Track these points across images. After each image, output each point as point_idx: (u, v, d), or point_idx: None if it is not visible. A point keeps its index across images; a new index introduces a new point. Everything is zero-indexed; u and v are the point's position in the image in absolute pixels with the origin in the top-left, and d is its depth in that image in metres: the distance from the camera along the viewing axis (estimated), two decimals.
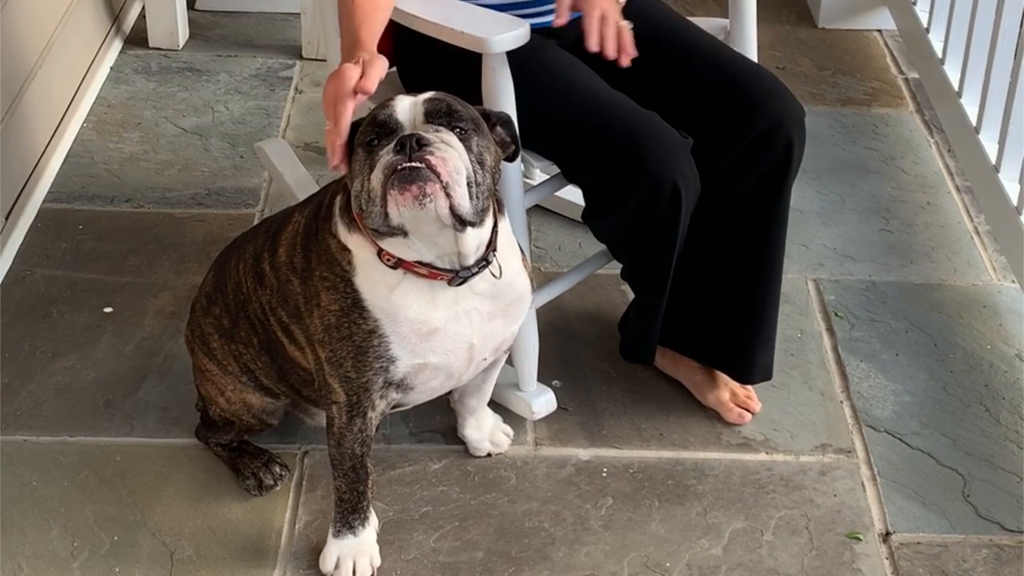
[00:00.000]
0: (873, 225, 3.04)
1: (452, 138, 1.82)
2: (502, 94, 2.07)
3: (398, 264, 1.89)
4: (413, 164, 1.77)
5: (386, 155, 1.79)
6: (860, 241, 2.98)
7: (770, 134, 2.22)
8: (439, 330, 1.94)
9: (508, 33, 2.04)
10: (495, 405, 2.40)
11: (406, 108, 1.84)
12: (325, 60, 3.54)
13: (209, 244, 2.87)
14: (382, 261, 1.89)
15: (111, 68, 3.52)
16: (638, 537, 2.23)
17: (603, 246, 2.41)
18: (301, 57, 3.61)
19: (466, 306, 1.95)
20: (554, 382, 2.53)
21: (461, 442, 2.38)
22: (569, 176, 2.28)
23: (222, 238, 2.88)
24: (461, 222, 1.82)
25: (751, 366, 2.42)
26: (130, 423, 2.42)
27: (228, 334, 2.15)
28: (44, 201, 2.99)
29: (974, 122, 3.04)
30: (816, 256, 2.92)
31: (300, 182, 2.84)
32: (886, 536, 2.24)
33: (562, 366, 2.58)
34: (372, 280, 1.91)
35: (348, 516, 2.09)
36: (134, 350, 2.59)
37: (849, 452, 2.41)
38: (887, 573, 2.17)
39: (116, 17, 3.60)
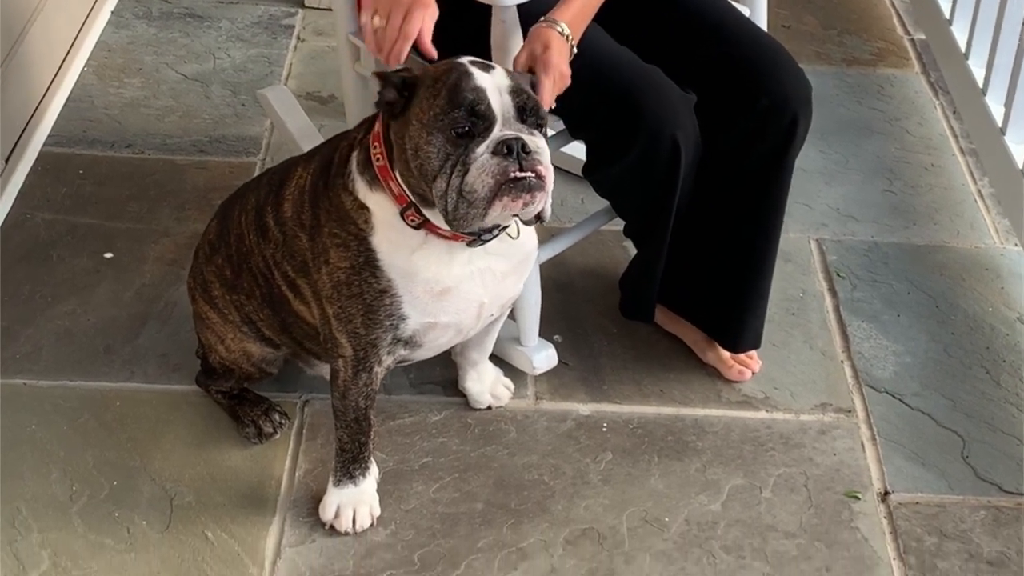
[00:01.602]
0: (877, 186, 3.03)
1: (543, 142, 1.80)
2: (511, 48, 2.05)
3: (422, 225, 1.88)
4: (527, 175, 1.75)
5: (487, 156, 1.75)
6: (863, 202, 2.97)
7: (775, 110, 2.20)
8: (451, 289, 1.93)
9: None
10: (496, 359, 2.40)
11: (496, 98, 1.77)
12: (329, 9, 3.55)
13: (210, 192, 2.86)
14: (406, 222, 1.88)
15: (112, 12, 3.49)
16: (637, 492, 2.23)
17: (606, 202, 2.40)
18: (303, 6, 3.58)
19: (480, 265, 1.94)
20: (555, 337, 2.53)
21: (461, 394, 2.38)
22: (572, 131, 2.26)
23: (223, 186, 2.87)
24: (537, 218, 1.82)
25: (740, 335, 2.41)
26: (130, 369, 2.41)
27: (230, 284, 2.14)
28: (44, 145, 2.97)
29: (981, 84, 3.03)
30: (819, 216, 2.91)
31: (302, 131, 2.82)
32: (884, 495, 2.25)
33: (563, 321, 2.57)
34: (391, 240, 1.89)
35: (349, 466, 2.09)
36: (134, 296, 2.58)
37: (849, 412, 2.41)
38: (885, 532, 2.18)
39: None
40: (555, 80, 1.94)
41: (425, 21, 1.90)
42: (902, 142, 3.19)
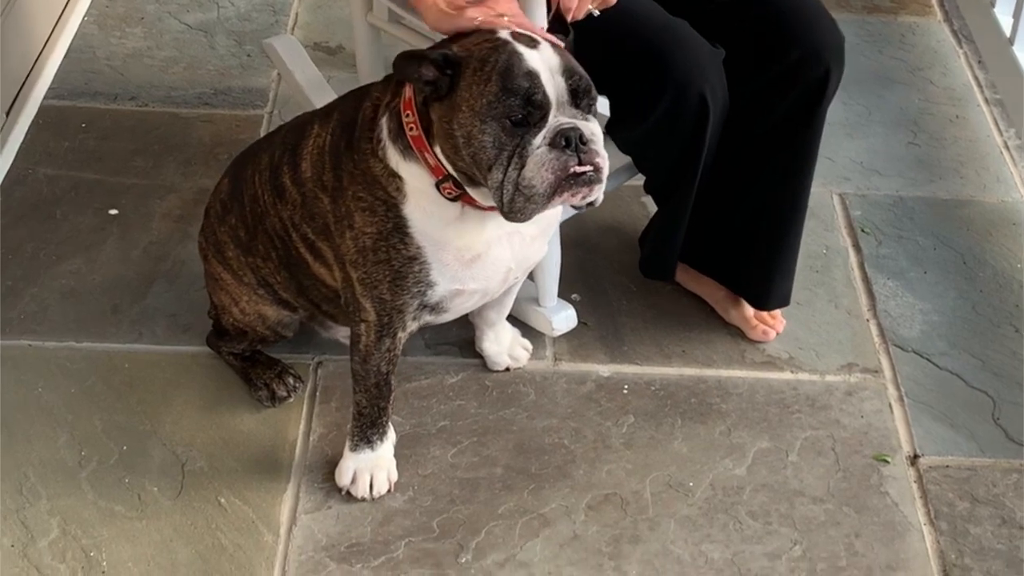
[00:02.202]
0: (900, 138, 2.95)
1: (597, 127, 1.72)
2: (537, 2, 1.97)
3: (458, 197, 1.81)
4: (586, 169, 1.68)
5: (544, 149, 1.67)
6: (887, 155, 2.90)
7: (807, 61, 2.12)
8: (481, 256, 1.87)
9: None
10: (513, 319, 2.33)
11: (550, 81, 1.69)
12: None
13: (216, 146, 2.78)
14: (441, 193, 1.80)
15: None
16: (660, 456, 2.17)
17: (627, 159, 2.33)
18: None
19: (509, 229, 1.86)
20: (573, 296, 2.46)
21: (478, 356, 2.32)
22: (595, 87, 2.18)
23: (229, 140, 2.79)
24: (588, 204, 1.76)
25: (769, 292, 2.35)
26: (138, 329, 2.35)
27: (245, 246, 2.07)
28: (45, 97, 2.89)
29: (1008, 33, 2.94)
30: (842, 169, 2.84)
31: (311, 82, 2.74)
32: (914, 459, 2.19)
33: (581, 279, 2.51)
34: (424, 209, 1.82)
35: (367, 430, 2.03)
36: (141, 254, 2.51)
37: (876, 372, 2.35)
38: (915, 496, 2.13)
39: None
40: None
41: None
42: (925, 93, 3.11)
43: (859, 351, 2.40)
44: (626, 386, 2.30)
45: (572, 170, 1.68)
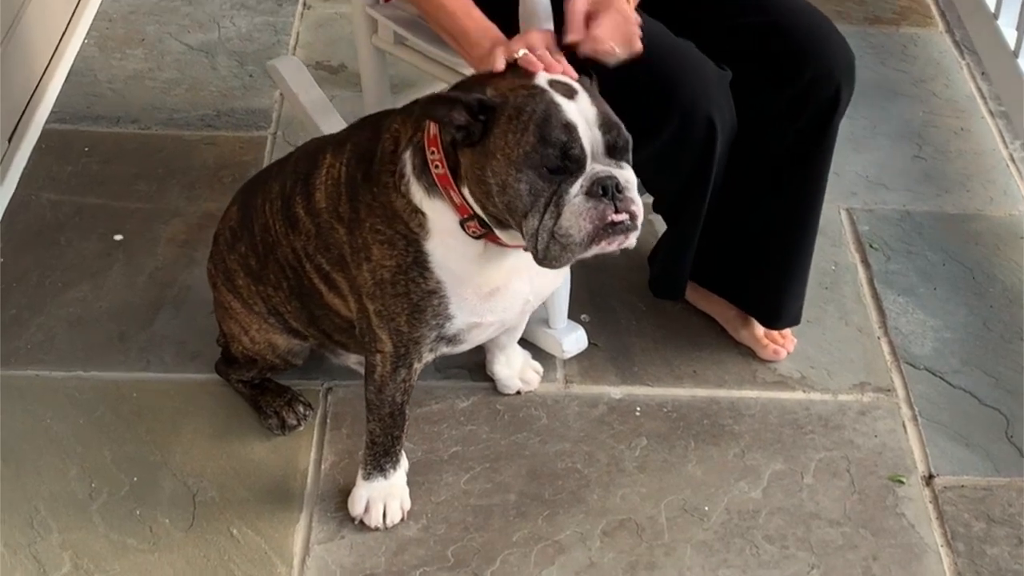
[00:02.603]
0: (906, 152, 2.94)
1: (632, 174, 1.71)
2: (542, 20, 1.95)
3: (482, 236, 1.79)
4: (623, 218, 1.67)
5: (581, 198, 1.65)
6: (893, 168, 2.89)
7: (819, 81, 2.11)
8: (500, 289, 1.86)
9: None
10: (523, 341, 2.32)
11: (587, 134, 1.67)
12: None
13: (220, 169, 2.77)
14: (466, 231, 1.79)
15: None
16: (674, 479, 2.16)
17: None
18: None
19: (527, 260, 1.85)
20: (583, 316, 2.45)
21: (488, 379, 2.30)
22: None
23: (233, 162, 2.78)
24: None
25: (779, 311, 2.34)
26: (146, 357, 2.33)
27: (256, 275, 2.05)
28: (47, 122, 2.87)
29: (1012, 45, 2.94)
30: (848, 184, 2.82)
31: (316, 104, 2.72)
32: (929, 479, 2.18)
33: (590, 299, 2.50)
34: (447, 245, 1.80)
35: (380, 459, 2.02)
36: (147, 280, 2.49)
37: (888, 391, 2.34)
38: (931, 518, 2.12)
39: None
40: (618, 23, 1.82)
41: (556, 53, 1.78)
42: (929, 105, 3.10)
43: (871, 369, 2.38)
44: (638, 408, 2.29)
45: (609, 219, 1.67)
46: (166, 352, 2.34)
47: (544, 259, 1.70)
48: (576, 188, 1.66)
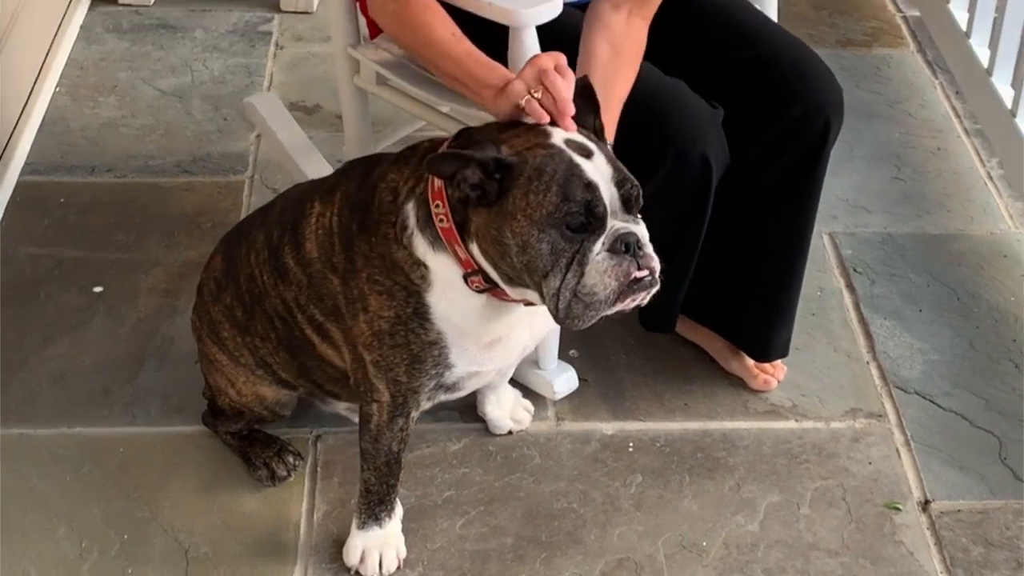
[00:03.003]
0: (884, 173, 2.95)
1: (646, 231, 1.70)
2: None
3: (486, 290, 1.78)
4: (644, 274, 1.67)
5: (604, 255, 1.64)
6: (872, 191, 2.89)
7: (808, 116, 2.12)
8: (502, 339, 1.84)
9: (539, 7, 1.92)
10: (513, 380, 2.30)
11: (607, 192, 1.65)
12: (307, 12, 3.43)
13: (199, 215, 2.74)
14: (469, 286, 1.77)
15: (81, 27, 3.35)
16: (671, 516, 2.15)
17: None
18: (280, 10, 3.46)
19: (530, 310, 1.84)
20: (571, 351, 2.44)
21: (479, 419, 2.29)
22: None
23: (212, 208, 2.76)
24: None
25: (769, 344, 2.33)
26: (131, 412, 2.30)
27: (242, 326, 2.03)
28: (21, 174, 2.84)
29: (985, 64, 2.95)
30: (829, 208, 2.82)
31: (295, 143, 2.70)
32: (925, 504, 2.17)
33: (578, 334, 2.46)
34: (449, 299, 1.78)
35: (375, 508, 2.00)
36: (130, 332, 2.46)
37: (880, 416, 2.34)
38: (930, 544, 2.11)
39: None
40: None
41: (567, 72, 1.76)
42: (905, 126, 3.11)
43: (862, 395, 2.38)
44: (631, 444, 2.27)
45: (633, 275, 1.65)
46: (151, 405, 2.31)
47: (566, 318, 1.68)
48: (599, 246, 1.65)
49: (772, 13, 2.39)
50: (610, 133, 1.91)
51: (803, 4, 3.59)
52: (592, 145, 1.70)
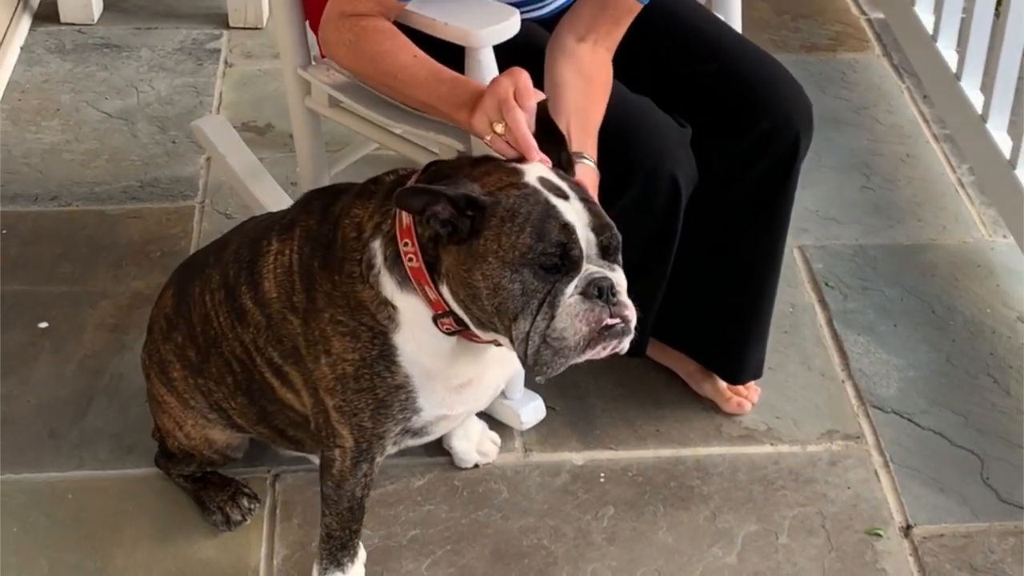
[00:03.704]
0: (854, 183, 2.88)
1: (623, 277, 1.63)
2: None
3: (457, 332, 1.69)
4: (616, 322, 1.59)
5: (576, 299, 1.56)
6: (842, 201, 2.82)
7: (777, 131, 2.05)
8: (472, 381, 1.76)
9: (496, 26, 1.84)
10: (479, 412, 2.21)
11: (583, 235, 1.58)
12: (256, 28, 3.33)
13: (147, 244, 2.64)
14: (439, 328, 1.68)
15: (21, 48, 3.24)
16: (646, 549, 2.07)
17: None
18: (228, 26, 3.35)
19: (503, 350, 1.75)
20: (538, 378, 2.34)
21: (445, 452, 2.20)
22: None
23: (161, 236, 2.66)
24: None
25: (741, 366, 2.26)
26: (79, 454, 2.20)
27: (195, 368, 1.93)
28: None
29: (954, 68, 2.89)
30: (798, 220, 2.73)
31: (247, 167, 2.60)
32: (907, 529, 2.11)
33: None
34: (417, 340, 1.69)
35: (337, 554, 1.90)
36: (76, 369, 2.36)
37: (857, 438, 2.27)
38: (913, 571, 2.04)
39: None
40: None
41: (529, 94, 1.67)
42: (873, 132, 3.05)
43: (838, 416, 2.31)
44: (602, 474, 2.19)
45: (605, 322, 1.57)
46: (100, 447, 2.21)
47: (534, 364, 1.60)
48: (571, 288, 1.57)
49: (736, 24, 2.31)
50: (593, 155, 1.84)
51: (765, 9, 3.53)
52: (566, 187, 1.62)
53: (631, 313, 1.60)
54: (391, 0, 1.88)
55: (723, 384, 2.30)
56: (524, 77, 1.69)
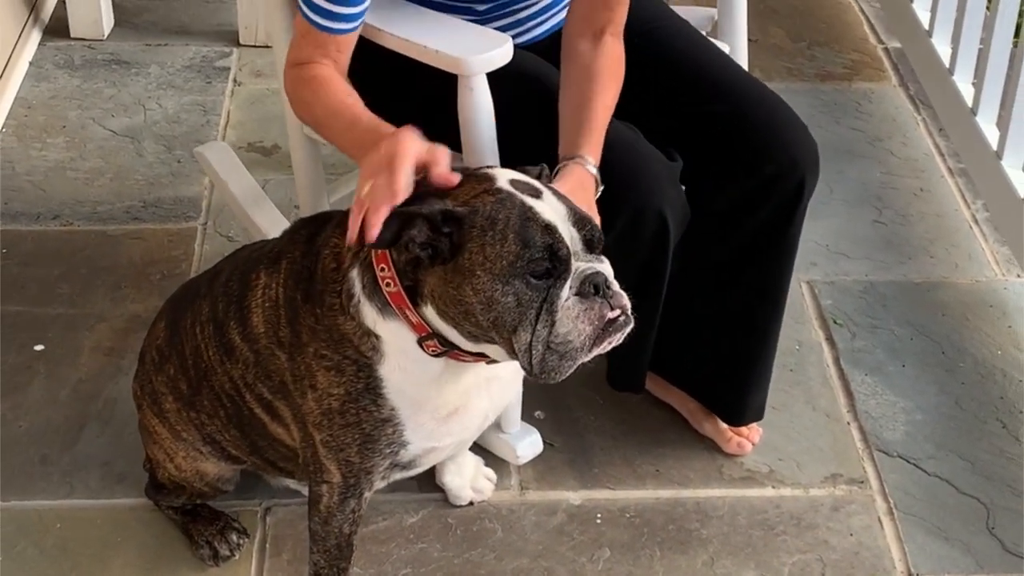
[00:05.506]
0: (865, 217, 2.83)
1: (610, 268, 1.59)
2: (480, 117, 1.83)
3: (444, 353, 1.65)
4: (617, 314, 1.56)
5: (574, 300, 1.53)
6: (853, 236, 2.78)
7: (783, 175, 2.01)
8: (459, 410, 1.73)
9: (488, 53, 1.80)
10: (474, 445, 2.18)
11: (566, 232, 1.55)
12: (267, 47, 3.30)
13: (148, 265, 2.61)
14: (424, 350, 1.64)
15: (30, 63, 3.22)
16: None
17: None
18: (239, 44, 3.33)
19: (487, 375, 1.71)
20: (537, 413, 2.31)
21: (438, 489, 2.16)
22: None
23: (162, 258, 2.63)
24: None
25: (742, 407, 2.22)
26: (69, 482, 2.17)
27: (187, 401, 1.89)
28: None
29: (970, 103, 2.84)
30: (808, 254, 2.70)
31: (247, 193, 2.56)
32: None
33: (545, 394, 2.35)
34: (403, 368, 1.66)
35: None
36: (70, 394, 2.33)
37: (862, 483, 2.22)
38: None
39: (33, 6, 3.29)
40: None
41: (421, 154, 1.57)
42: (887, 165, 3.00)
43: (842, 459, 2.26)
44: (599, 515, 2.15)
45: (607, 316, 1.54)
46: (91, 475, 2.18)
47: (541, 373, 1.56)
48: (566, 291, 1.54)
49: (743, 61, 2.27)
50: (596, 155, 1.81)
51: (781, 36, 3.48)
52: (537, 184, 1.59)
53: (627, 301, 1.58)
54: (327, 41, 1.81)
55: (724, 425, 2.26)
56: (444, 155, 1.60)
